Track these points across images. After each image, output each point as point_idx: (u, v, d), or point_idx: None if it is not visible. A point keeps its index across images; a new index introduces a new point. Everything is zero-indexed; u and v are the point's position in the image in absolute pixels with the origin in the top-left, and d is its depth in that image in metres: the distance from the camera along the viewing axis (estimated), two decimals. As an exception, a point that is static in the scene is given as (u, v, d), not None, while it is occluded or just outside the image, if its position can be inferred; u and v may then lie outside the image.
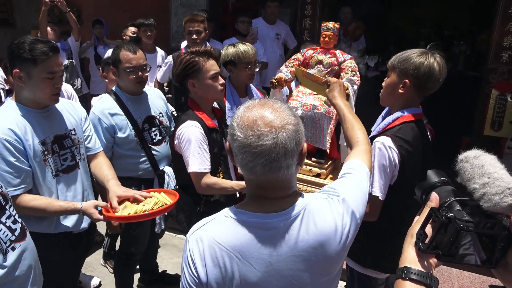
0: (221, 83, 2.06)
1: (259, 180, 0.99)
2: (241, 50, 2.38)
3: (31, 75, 1.69)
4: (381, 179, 1.67)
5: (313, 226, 1.01)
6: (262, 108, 0.97)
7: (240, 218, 1.00)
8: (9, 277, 1.31)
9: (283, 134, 0.93)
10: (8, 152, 1.64)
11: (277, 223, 0.99)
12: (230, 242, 0.98)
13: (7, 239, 1.33)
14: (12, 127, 1.66)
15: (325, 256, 1.02)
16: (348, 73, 2.21)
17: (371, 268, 1.86)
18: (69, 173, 1.90)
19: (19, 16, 7.55)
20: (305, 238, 1.00)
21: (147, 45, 4.16)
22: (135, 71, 2.25)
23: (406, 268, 0.84)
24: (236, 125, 0.97)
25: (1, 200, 1.37)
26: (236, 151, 0.97)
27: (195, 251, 1.00)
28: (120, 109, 2.27)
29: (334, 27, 2.25)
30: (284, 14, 4.77)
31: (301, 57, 2.35)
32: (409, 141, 1.68)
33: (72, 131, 1.93)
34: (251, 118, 0.95)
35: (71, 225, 1.90)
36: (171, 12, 4.89)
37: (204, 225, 1.04)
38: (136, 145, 2.31)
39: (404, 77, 1.69)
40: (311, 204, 1.04)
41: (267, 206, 1.01)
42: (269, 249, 0.98)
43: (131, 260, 2.60)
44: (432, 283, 0.82)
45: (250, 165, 0.95)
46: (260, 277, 0.99)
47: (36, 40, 1.69)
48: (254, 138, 0.93)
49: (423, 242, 0.84)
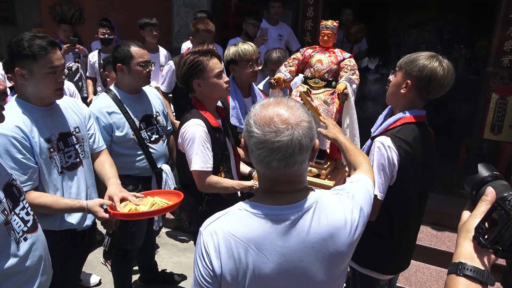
0: (225, 81, 2.08)
1: (274, 174, 1.02)
2: (241, 49, 2.41)
3: (33, 71, 1.69)
4: (380, 178, 1.68)
5: (325, 218, 1.05)
6: (278, 106, 1.00)
7: (255, 210, 1.03)
8: (21, 267, 1.34)
9: (298, 131, 0.97)
10: (15, 149, 1.64)
11: (290, 215, 1.02)
12: (246, 234, 1.01)
13: (20, 229, 1.37)
14: (19, 125, 1.67)
15: (335, 248, 1.05)
16: (347, 72, 2.19)
17: (370, 269, 1.87)
18: (73, 170, 1.90)
19: (20, 14, 7.54)
20: (317, 230, 1.03)
21: (151, 44, 4.17)
22: (147, 66, 2.30)
23: (461, 263, 0.80)
24: (253, 122, 1.00)
25: (16, 193, 1.40)
26: (252, 147, 1.00)
27: (210, 243, 1.02)
28: (118, 107, 2.29)
29: (333, 25, 2.25)
30: (286, 15, 4.78)
31: (300, 56, 2.34)
32: (409, 142, 1.69)
33: (76, 129, 1.94)
34: (268, 115, 0.98)
35: (75, 222, 1.90)
36: (173, 12, 4.90)
37: (218, 219, 1.06)
38: (133, 144, 2.33)
39: (408, 77, 1.71)
40: (323, 198, 1.08)
41: (280, 199, 1.04)
42: (282, 240, 1.01)
43: (127, 256, 2.62)
44: (488, 281, 0.79)
45: (266, 160, 0.98)
46: (273, 268, 1.01)
47: (34, 36, 1.68)
48: (271, 134, 0.96)
49: (483, 237, 0.80)
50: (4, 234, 1.28)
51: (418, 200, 1.81)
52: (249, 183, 2.06)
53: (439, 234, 3.46)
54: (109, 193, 1.84)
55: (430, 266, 3.24)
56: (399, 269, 1.98)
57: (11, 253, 1.31)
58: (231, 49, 2.45)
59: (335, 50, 2.28)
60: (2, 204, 1.27)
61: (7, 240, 1.29)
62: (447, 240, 3.38)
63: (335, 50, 2.27)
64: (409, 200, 1.77)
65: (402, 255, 1.91)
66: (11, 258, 1.30)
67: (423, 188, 1.81)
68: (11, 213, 1.34)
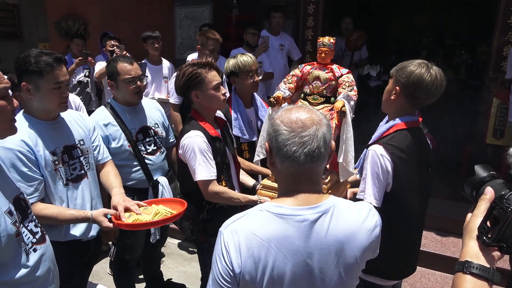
0: (223, 93, 2.12)
1: (299, 171, 1.08)
2: (241, 60, 2.46)
3: (39, 86, 1.75)
4: (374, 186, 1.71)
5: (343, 221, 1.10)
6: (299, 109, 1.11)
7: (275, 210, 1.07)
8: (31, 277, 1.38)
9: (322, 127, 1.07)
10: (21, 163, 1.69)
11: (309, 216, 1.06)
12: (267, 233, 1.05)
13: (29, 241, 1.41)
14: (24, 139, 1.72)
15: (351, 253, 1.09)
16: (345, 88, 2.21)
17: (373, 275, 1.87)
18: (78, 182, 1.94)
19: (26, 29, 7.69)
20: (334, 232, 1.07)
21: (154, 56, 4.25)
22: (134, 81, 2.32)
23: (468, 262, 0.84)
24: (280, 122, 1.08)
25: (24, 206, 1.44)
26: (280, 145, 1.06)
27: (230, 242, 1.05)
28: (115, 120, 2.32)
29: (330, 42, 2.27)
30: (286, 25, 4.84)
31: (299, 72, 2.36)
32: (402, 148, 1.72)
33: (80, 142, 1.98)
34: (293, 116, 1.08)
35: (80, 234, 1.94)
36: (176, 24, 4.98)
37: (238, 219, 1.10)
38: (129, 155, 2.35)
39: (396, 84, 1.76)
40: (340, 202, 1.13)
41: (300, 200, 1.09)
42: (301, 240, 1.05)
43: (126, 266, 2.64)
44: (494, 278, 0.82)
45: (295, 155, 1.04)
46: (291, 268, 1.05)
47: (41, 53, 1.75)
48: (299, 129, 1.05)
49: (487, 236, 0.83)
50: (15, 245, 1.32)
51: (418, 205, 1.83)
52: (254, 197, 2.10)
53: (443, 240, 3.45)
54: (113, 203, 1.87)
55: (436, 272, 3.23)
56: (402, 275, 1.99)
57: (22, 264, 1.35)
58: (231, 61, 2.51)
59: (333, 66, 2.30)
60: (13, 217, 1.32)
61: (18, 251, 1.33)
62: (452, 245, 3.38)
63: (332, 67, 2.29)
64: (408, 205, 1.79)
65: (405, 260, 1.92)
66: (22, 269, 1.34)
67: (422, 192, 1.83)
68: (21, 226, 1.38)
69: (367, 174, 1.72)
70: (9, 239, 1.27)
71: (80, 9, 5.96)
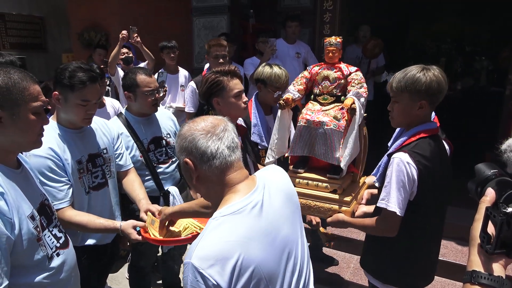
0: (244, 101, 2.14)
1: (227, 165, 1.13)
2: (276, 73, 2.47)
3: (68, 99, 1.82)
4: (399, 195, 1.67)
5: (279, 186, 1.23)
6: (201, 118, 1.20)
7: (230, 211, 1.07)
8: (54, 279, 1.43)
9: (227, 122, 1.18)
10: (50, 169, 1.76)
11: (258, 197, 1.13)
12: (236, 234, 1.03)
13: (54, 245, 1.46)
14: (52, 146, 1.79)
15: (297, 205, 1.27)
16: (354, 86, 2.19)
17: (391, 284, 1.86)
18: (99, 190, 2.00)
19: (51, 40, 7.97)
20: (278, 197, 1.19)
21: (170, 66, 4.34)
22: (153, 94, 2.36)
23: (475, 272, 0.80)
24: (192, 131, 1.15)
25: (49, 211, 1.50)
26: (203, 148, 1.11)
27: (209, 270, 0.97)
28: (127, 130, 2.37)
29: (336, 41, 2.27)
30: (303, 34, 4.86)
31: (307, 74, 2.36)
32: (427, 156, 1.68)
33: (104, 150, 2.04)
34: (201, 123, 1.17)
35: (96, 239, 1.99)
36: (194, 34, 5.07)
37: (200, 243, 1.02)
38: (141, 165, 2.39)
39: (418, 98, 1.71)
40: (264, 175, 1.24)
41: (242, 190, 1.13)
42: (263, 219, 1.10)
43: (142, 272, 2.70)
44: (504, 287, 0.78)
45: (218, 151, 1.11)
46: (265, 249, 1.06)
47: (78, 68, 1.80)
48: (212, 129, 1.14)
49: (488, 244, 0.81)
50: (36, 249, 1.37)
51: (438, 213, 1.81)
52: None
53: (464, 249, 3.37)
54: (145, 208, 1.92)
55: (456, 282, 3.15)
56: (421, 284, 1.95)
57: (44, 267, 1.39)
58: (266, 69, 2.51)
59: (341, 65, 2.29)
60: (35, 221, 1.37)
61: (40, 255, 1.38)
62: (473, 256, 3.29)
63: (341, 66, 2.28)
64: (429, 213, 1.76)
65: (424, 269, 1.89)
66: (43, 272, 1.39)
67: (442, 200, 1.81)
68: (46, 230, 1.43)
69: (391, 182, 1.68)
70: (30, 242, 1.32)
71: (101, 20, 6.15)
